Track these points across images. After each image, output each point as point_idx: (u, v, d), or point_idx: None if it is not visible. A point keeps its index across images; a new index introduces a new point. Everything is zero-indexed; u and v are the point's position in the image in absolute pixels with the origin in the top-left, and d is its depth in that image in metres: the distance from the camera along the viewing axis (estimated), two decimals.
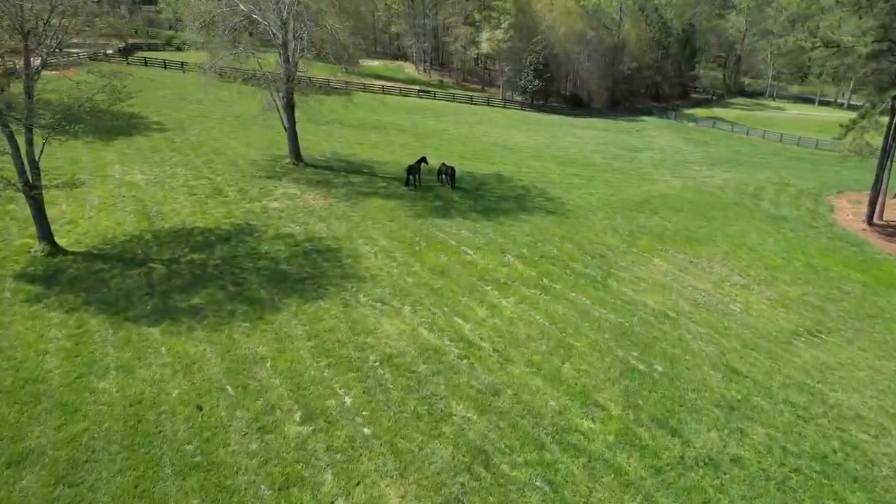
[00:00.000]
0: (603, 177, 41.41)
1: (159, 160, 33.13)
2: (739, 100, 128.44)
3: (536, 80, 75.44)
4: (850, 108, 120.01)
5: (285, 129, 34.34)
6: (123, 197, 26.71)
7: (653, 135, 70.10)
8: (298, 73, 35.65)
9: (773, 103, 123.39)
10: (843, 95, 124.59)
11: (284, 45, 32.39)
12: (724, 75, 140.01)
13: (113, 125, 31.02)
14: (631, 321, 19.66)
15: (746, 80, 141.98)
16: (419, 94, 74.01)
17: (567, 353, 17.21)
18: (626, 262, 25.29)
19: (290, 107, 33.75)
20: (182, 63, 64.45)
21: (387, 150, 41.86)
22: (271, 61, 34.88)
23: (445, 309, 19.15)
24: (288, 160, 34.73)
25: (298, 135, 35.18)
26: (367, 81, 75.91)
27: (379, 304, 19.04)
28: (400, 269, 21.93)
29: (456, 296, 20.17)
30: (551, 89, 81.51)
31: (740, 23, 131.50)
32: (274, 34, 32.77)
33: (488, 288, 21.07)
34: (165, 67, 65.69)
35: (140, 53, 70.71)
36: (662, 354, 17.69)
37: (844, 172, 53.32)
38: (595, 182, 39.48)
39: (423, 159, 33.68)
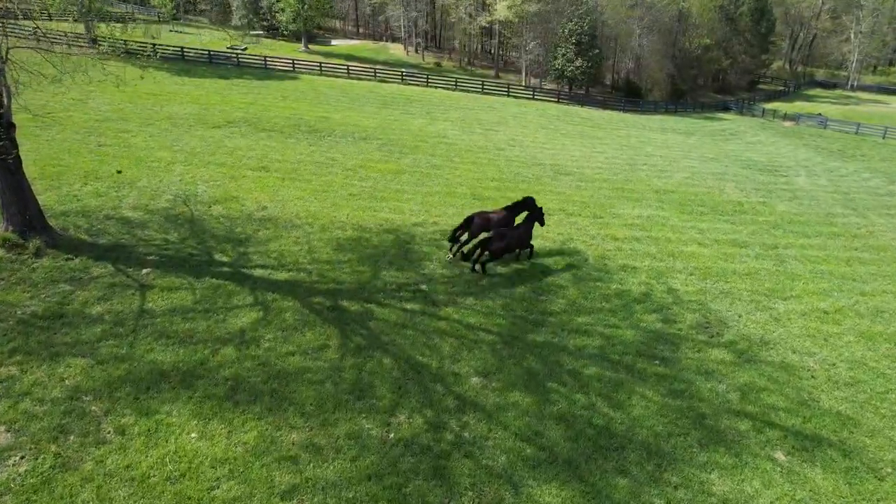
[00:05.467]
0: (793, 245, 19.53)
1: None
2: (817, 91, 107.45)
3: (579, 60, 53.53)
4: None
5: None
6: None
7: (758, 140, 48.43)
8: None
9: (863, 95, 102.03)
10: None
11: None
12: (789, 62, 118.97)
13: None
14: None
15: (812, 69, 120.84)
16: (404, 77, 52.16)
17: None
18: None
19: None
20: None
21: (313, 184, 20.06)
22: None
23: None
24: None
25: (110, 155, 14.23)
26: (328, 62, 54.20)
27: None
28: None
29: None
30: (598, 74, 59.65)
31: None
32: None
33: None
34: None
35: None
36: None
37: None
38: (793, 264, 17.62)
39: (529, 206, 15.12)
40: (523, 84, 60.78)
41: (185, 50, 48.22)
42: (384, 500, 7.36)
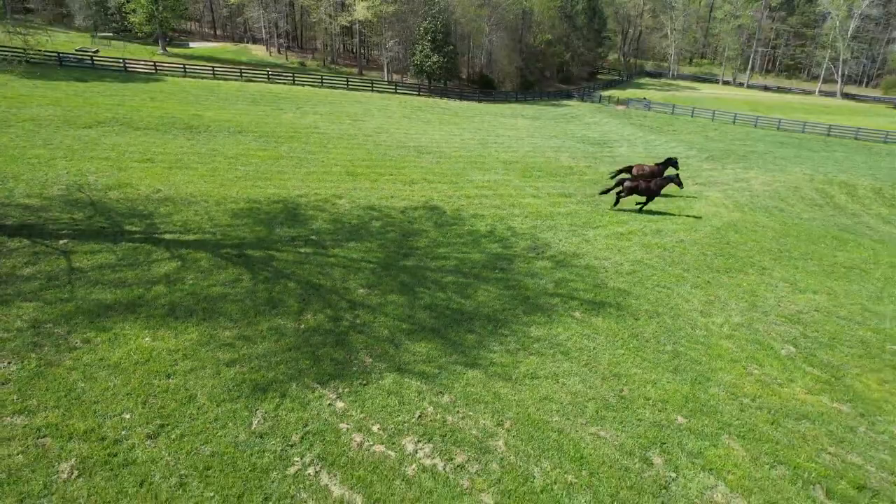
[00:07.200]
0: (610, 195, 24.72)
1: None
2: (646, 80, 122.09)
3: (436, 56, 58.01)
4: (751, 87, 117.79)
5: None
6: None
7: (594, 121, 55.81)
8: None
9: (681, 83, 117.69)
10: (740, 76, 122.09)
11: None
12: (623, 55, 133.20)
13: None
14: None
15: (642, 61, 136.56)
16: (270, 76, 53.51)
17: None
18: None
19: None
20: None
21: (200, 170, 21.96)
22: None
23: None
24: None
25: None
26: (192, 64, 54.02)
27: None
28: None
29: None
30: (454, 68, 64.56)
31: None
32: None
33: None
34: None
35: None
36: None
37: (878, 161, 42.21)
38: (604, 206, 22.66)
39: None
40: (386, 80, 64.24)
41: (27, 52, 45.89)
42: (303, 359, 10.32)
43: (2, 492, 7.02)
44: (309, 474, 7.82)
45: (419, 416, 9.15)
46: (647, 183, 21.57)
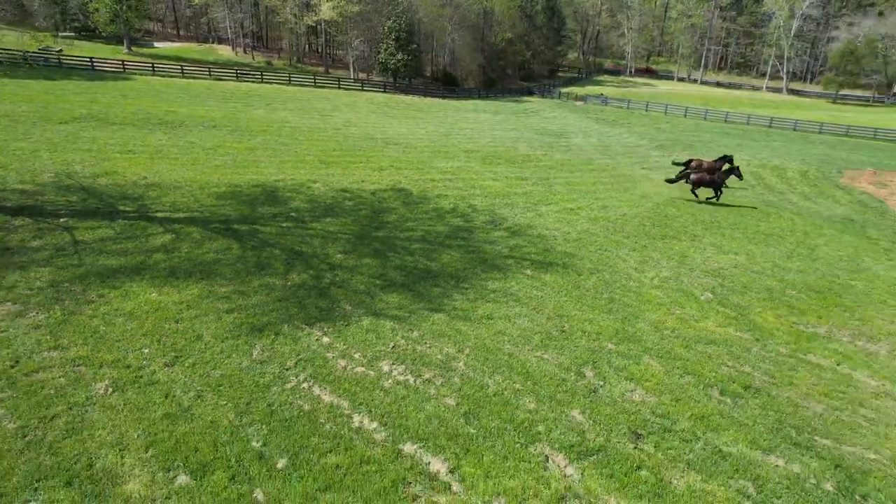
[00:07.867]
0: (560, 177, 26.82)
1: None
2: (605, 77, 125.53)
3: (400, 54, 59.65)
4: (704, 83, 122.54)
5: None
6: None
7: (553, 115, 58.21)
8: None
9: (638, 80, 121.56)
10: (694, 73, 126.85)
11: None
12: (582, 53, 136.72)
13: None
14: None
15: (601, 59, 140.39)
16: (239, 75, 54.34)
17: None
18: None
19: None
20: None
21: (181, 160, 23.22)
22: None
23: None
24: None
25: None
26: (160, 63, 54.45)
27: None
28: None
29: None
30: (418, 66, 66.33)
31: None
32: None
33: None
34: None
35: None
36: None
37: (810, 149, 45.50)
38: (557, 187, 24.73)
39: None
40: (352, 78, 65.53)
41: None
42: (292, 307, 11.97)
43: (54, 402, 8.53)
44: (303, 388, 9.51)
45: (393, 347, 10.91)
46: (712, 176, 23.86)
